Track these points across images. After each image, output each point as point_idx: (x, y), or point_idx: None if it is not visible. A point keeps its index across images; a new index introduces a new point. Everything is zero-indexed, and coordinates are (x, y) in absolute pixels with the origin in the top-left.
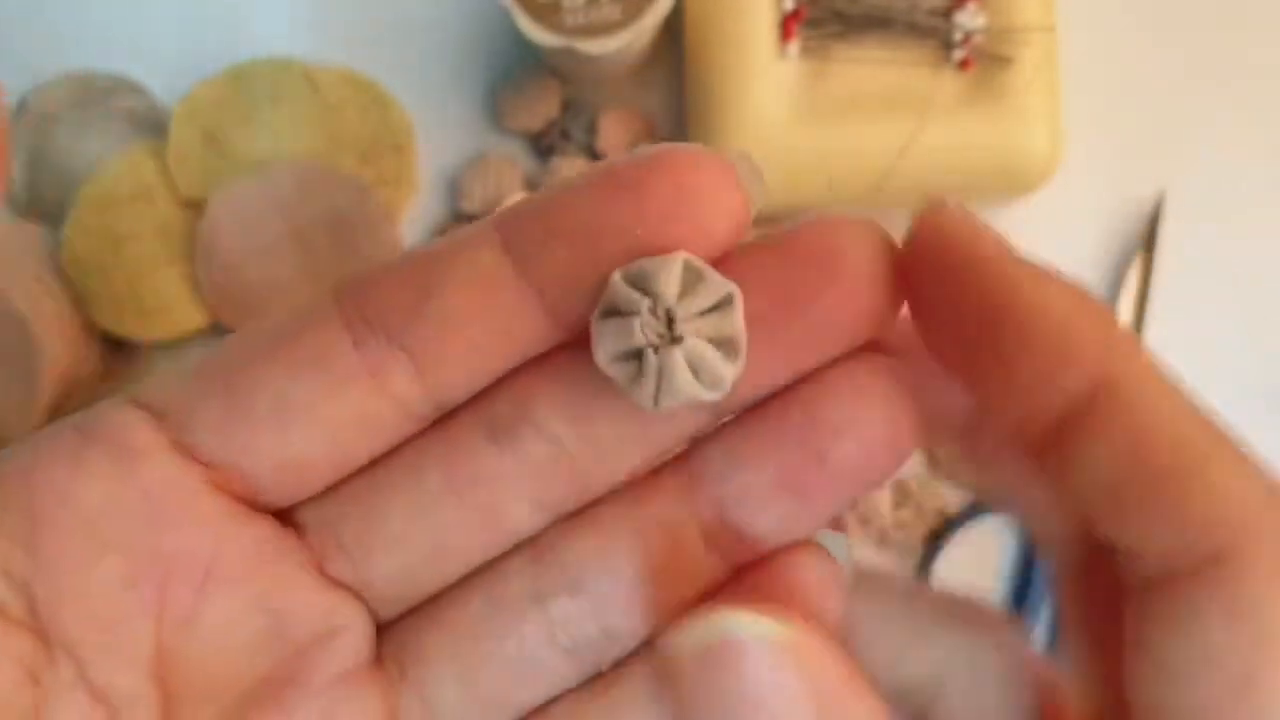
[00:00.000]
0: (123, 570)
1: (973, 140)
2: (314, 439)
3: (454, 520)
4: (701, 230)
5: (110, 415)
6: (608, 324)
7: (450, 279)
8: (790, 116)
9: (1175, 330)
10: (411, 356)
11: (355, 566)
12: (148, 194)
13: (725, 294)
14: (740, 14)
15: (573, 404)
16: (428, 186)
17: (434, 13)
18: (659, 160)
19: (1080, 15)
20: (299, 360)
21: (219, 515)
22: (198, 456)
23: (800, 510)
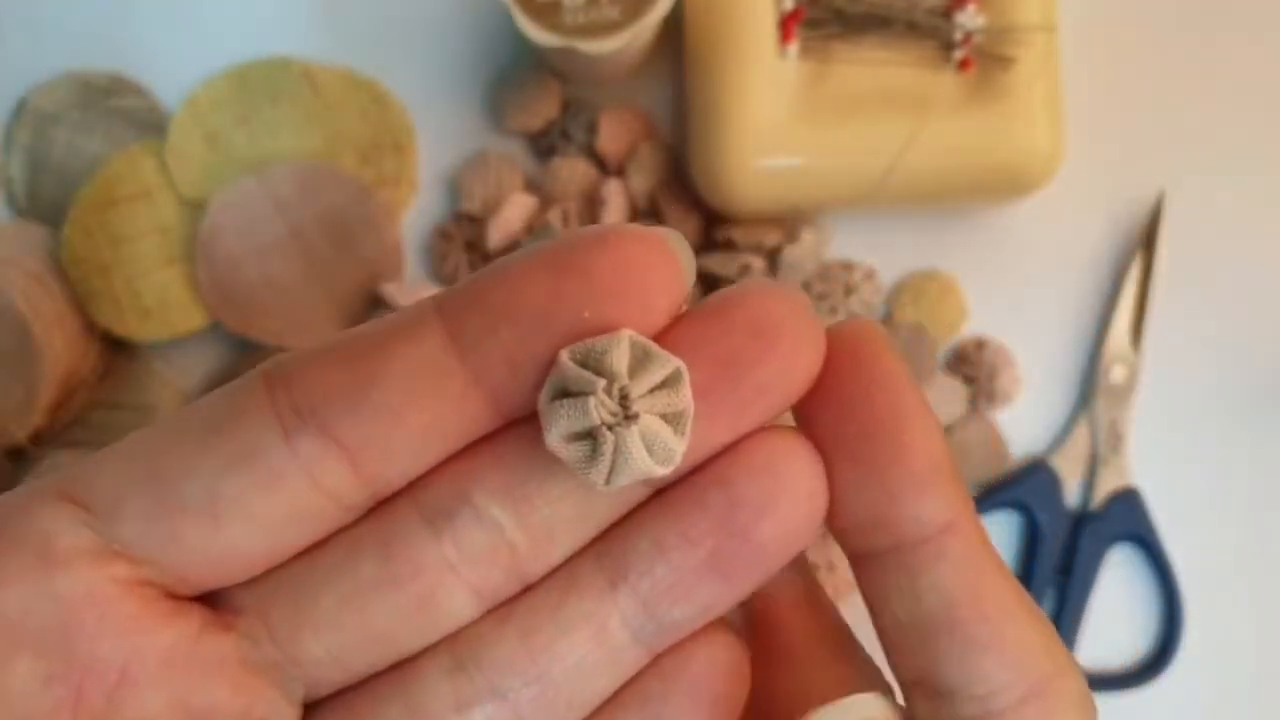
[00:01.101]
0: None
1: (973, 140)
2: (245, 534)
3: (388, 608)
4: (645, 308)
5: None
6: (560, 405)
7: (390, 369)
8: (790, 116)
9: (1175, 330)
10: (346, 450)
11: (285, 650)
12: (148, 194)
13: (673, 370)
14: (740, 14)
15: (512, 487)
16: (428, 186)
17: (434, 13)
18: (602, 241)
19: (1080, 15)
20: (229, 455)
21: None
22: (123, 553)
23: (723, 591)
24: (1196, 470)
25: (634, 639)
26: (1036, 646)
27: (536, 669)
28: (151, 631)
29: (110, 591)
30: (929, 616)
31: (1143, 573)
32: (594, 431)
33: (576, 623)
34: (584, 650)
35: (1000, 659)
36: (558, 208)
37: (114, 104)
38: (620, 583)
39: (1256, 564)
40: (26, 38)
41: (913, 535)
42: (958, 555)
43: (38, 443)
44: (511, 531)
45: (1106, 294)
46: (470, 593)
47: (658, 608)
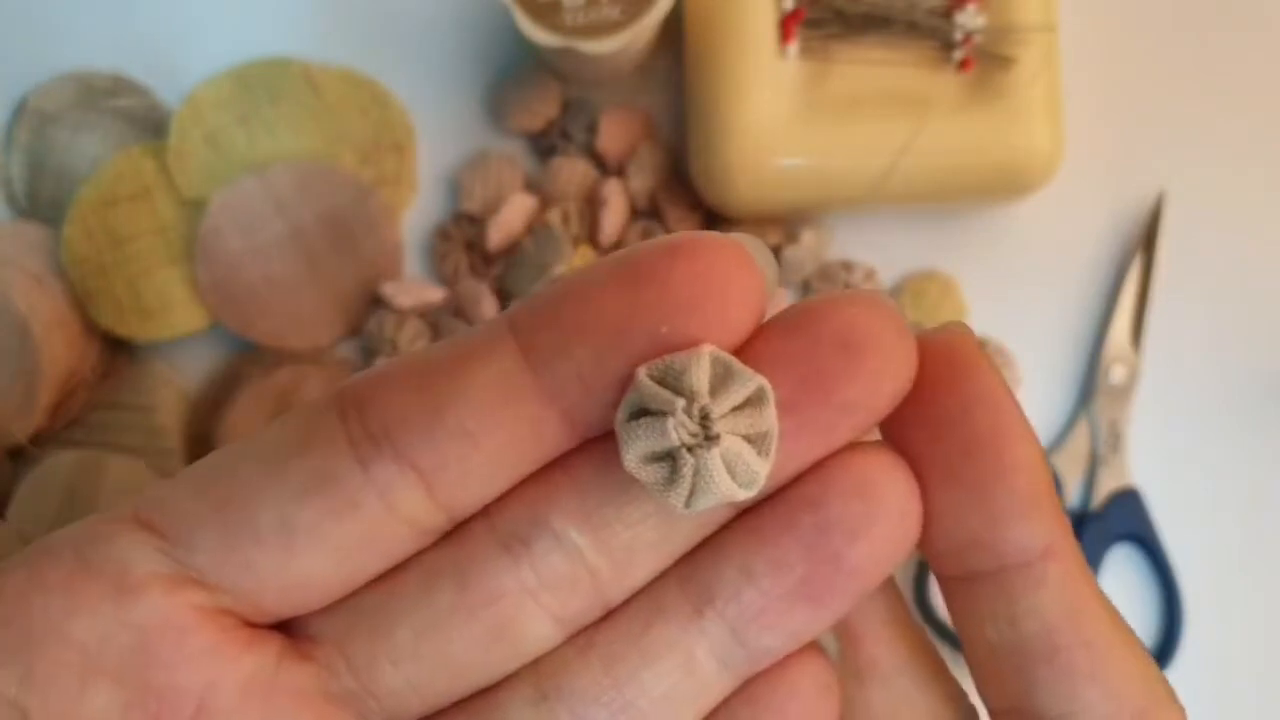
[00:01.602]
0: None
1: (973, 140)
2: (320, 562)
3: (466, 637)
4: (725, 321)
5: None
6: (637, 425)
7: (465, 392)
8: (790, 116)
9: (1175, 330)
10: (421, 474)
11: (363, 680)
12: (148, 194)
13: (756, 388)
14: (740, 14)
15: (590, 511)
16: (428, 186)
17: (434, 13)
18: (677, 250)
19: (1080, 15)
20: (303, 482)
21: (214, 648)
22: (199, 580)
23: (814, 618)
24: (1196, 470)
25: (722, 667)
26: (1138, 677)
27: (622, 699)
28: (230, 660)
29: (188, 619)
30: (1027, 643)
31: (1143, 573)
32: (673, 453)
33: (662, 652)
34: (671, 680)
35: (1103, 689)
36: (558, 208)
37: (114, 104)
38: (707, 609)
39: (1257, 563)
40: (26, 38)
41: (1013, 559)
42: (1058, 580)
43: (38, 443)
44: (591, 556)
45: (1106, 294)
46: (550, 619)
47: (746, 634)
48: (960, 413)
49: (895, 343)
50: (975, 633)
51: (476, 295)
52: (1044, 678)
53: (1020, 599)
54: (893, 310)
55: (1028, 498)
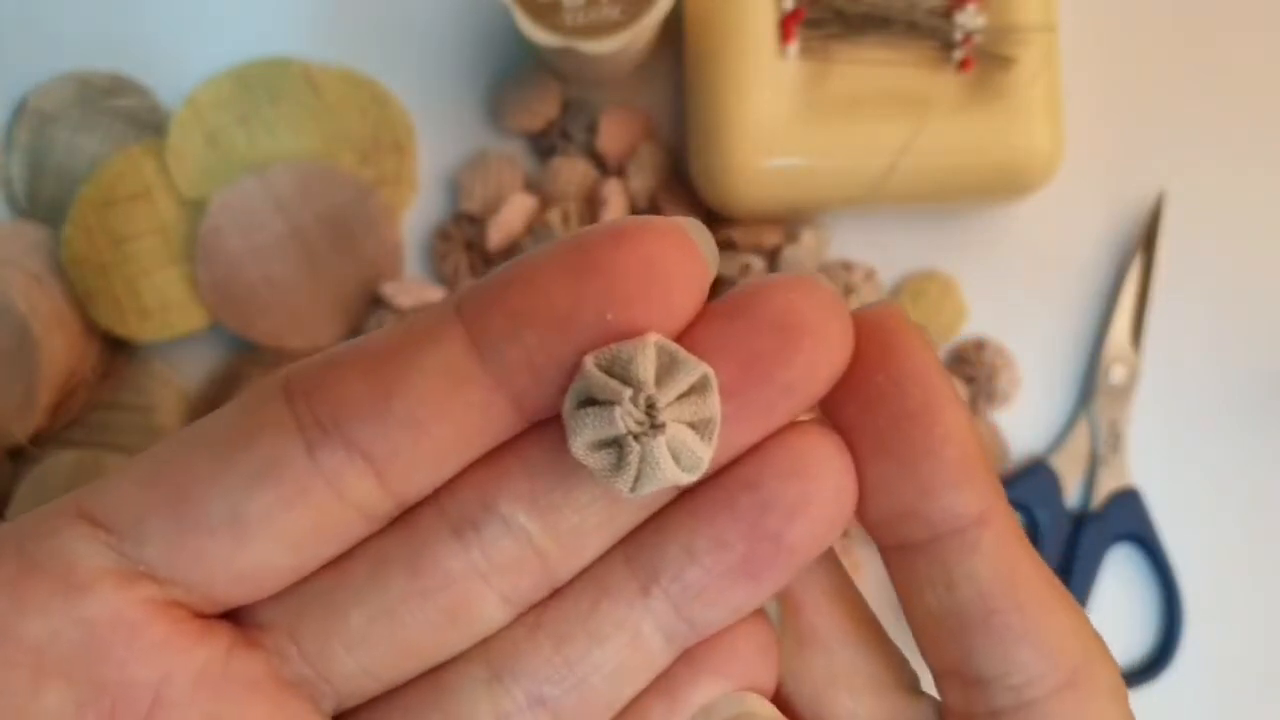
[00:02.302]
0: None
1: (973, 140)
2: (271, 550)
3: (418, 620)
4: (669, 308)
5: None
6: (585, 413)
7: (413, 378)
8: (790, 116)
9: (1175, 330)
10: (370, 461)
11: (315, 665)
12: (148, 194)
13: (701, 376)
14: (740, 14)
15: (538, 494)
16: (428, 186)
17: (434, 13)
18: (623, 237)
19: (1081, 15)
20: (252, 470)
21: (166, 642)
22: (148, 573)
23: (753, 593)
24: (1196, 470)
25: (667, 641)
26: (1071, 636)
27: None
28: (183, 652)
29: (138, 613)
30: (963, 608)
31: (1143, 573)
32: (620, 440)
33: (610, 630)
34: (620, 657)
35: (1036, 649)
36: (558, 208)
37: (114, 104)
38: (652, 587)
39: (1256, 563)
40: (26, 38)
41: (946, 527)
42: (991, 546)
43: (38, 443)
44: (539, 538)
45: (1106, 294)
46: (500, 601)
47: (690, 610)
48: (891, 387)
49: (832, 324)
50: (914, 599)
51: None
52: (980, 641)
53: (955, 565)
54: (829, 292)
55: (958, 467)
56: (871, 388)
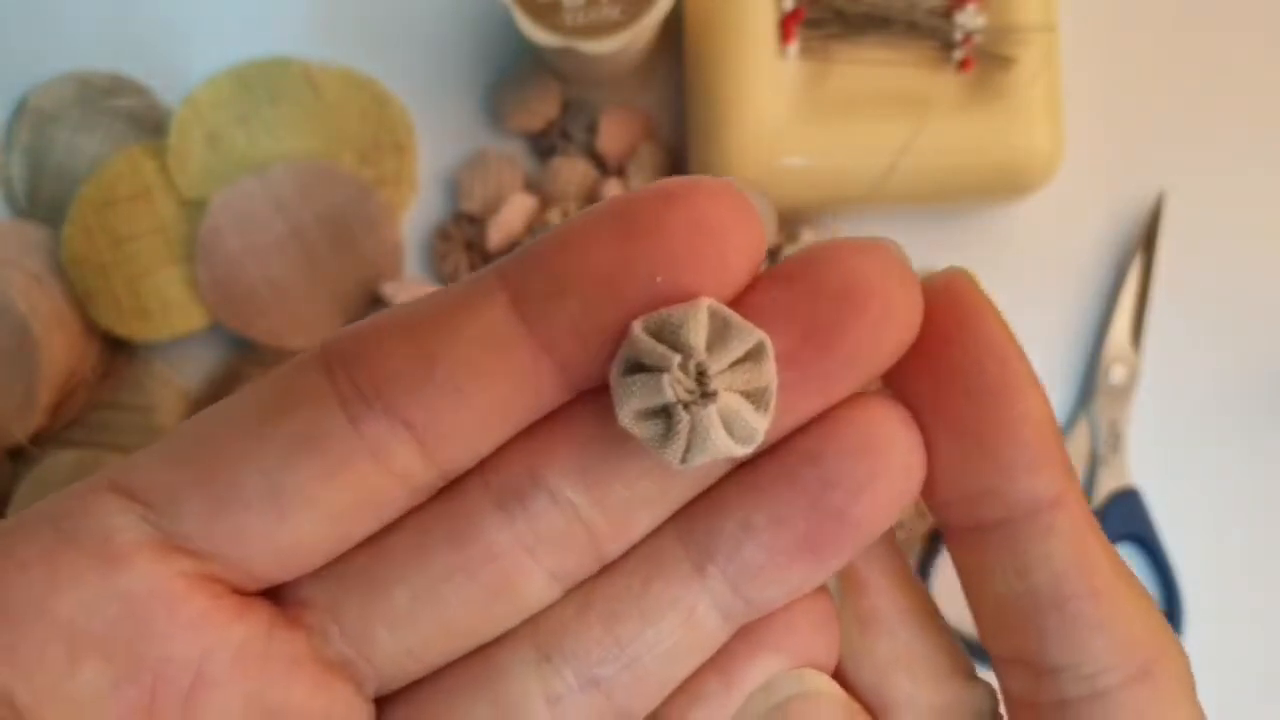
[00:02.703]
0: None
1: (973, 140)
2: (311, 524)
3: (463, 598)
4: (723, 271)
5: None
6: (632, 381)
7: (455, 344)
8: (790, 116)
9: (1175, 330)
10: (414, 430)
11: (357, 646)
12: (148, 194)
13: (755, 343)
14: (740, 14)
15: (586, 466)
16: (428, 186)
17: (434, 13)
18: (673, 197)
19: (1081, 15)
20: (291, 443)
21: (206, 616)
22: (185, 547)
23: (814, 571)
24: (1196, 470)
25: (723, 620)
26: (1144, 626)
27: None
28: (223, 628)
29: (177, 587)
30: (1035, 593)
31: (1143, 573)
32: (669, 409)
33: (664, 609)
34: (674, 637)
35: (1110, 638)
36: (558, 208)
37: (114, 104)
38: (707, 565)
39: (1257, 563)
40: (26, 38)
41: (1022, 510)
42: (1066, 530)
43: (38, 443)
44: (587, 512)
45: (1106, 294)
46: (548, 576)
47: (748, 589)
48: (967, 362)
49: (899, 292)
50: (982, 584)
51: None
52: (1052, 628)
53: (1028, 549)
54: (897, 257)
55: (1036, 448)
56: (945, 362)
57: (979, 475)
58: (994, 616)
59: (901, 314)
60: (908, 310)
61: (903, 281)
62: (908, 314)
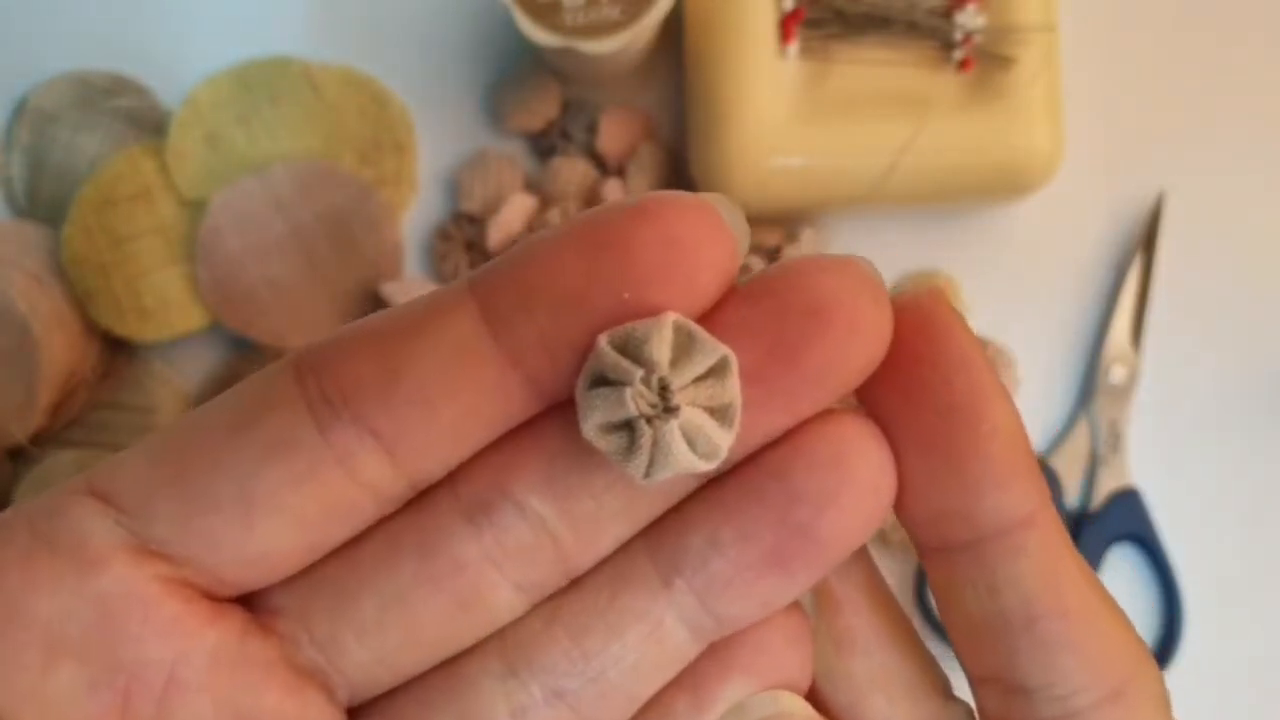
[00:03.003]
0: (82, 677)
1: (973, 140)
2: (280, 531)
3: (431, 608)
4: (691, 287)
5: (66, 513)
6: (596, 394)
7: (424, 354)
8: (790, 116)
9: (1175, 330)
10: (382, 440)
11: (327, 654)
12: (148, 194)
13: (720, 358)
14: (740, 14)
15: (554, 479)
16: (428, 186)
17: (434, 13)
18: (643, 213)
19: (1081, 16)
20: (261, 449)
21: (180, 621)
22: (159, 552)
23: (783, 588)
24: (1196, 470)
25: (691, 635)
26: (1117, 645)
27: (592, 670)
28: (197, 633)
29: (152, 591)
30: (1006, 613)
31: (1143, 573)
32: (632, 423)
33: (631, 622)
34: (640, 651)
35: (1081, 658)
36: (558, 208)
37: (114, 104)
38: (674, 578)
39: (1257, 563)
40: (26, 38)
41: (991, 529)
42: (1037, 549)
43: (38, 443)
44: (554, 524)
45: (1106, 294)
46: (514, 589)
47: (715, 603)
48: (936, 379)
49: (867, 308)
50: (953, 602)
51: None
52: (1023, 648)
53: (999, 568)
54: (867, 274)
55: (1006, 466)
56: (914, 378)
57: (948, 494)
58: (967, 635)
59: (869, 330)
60: (876, 327)
61: (872, 298)
62: (876, 330)
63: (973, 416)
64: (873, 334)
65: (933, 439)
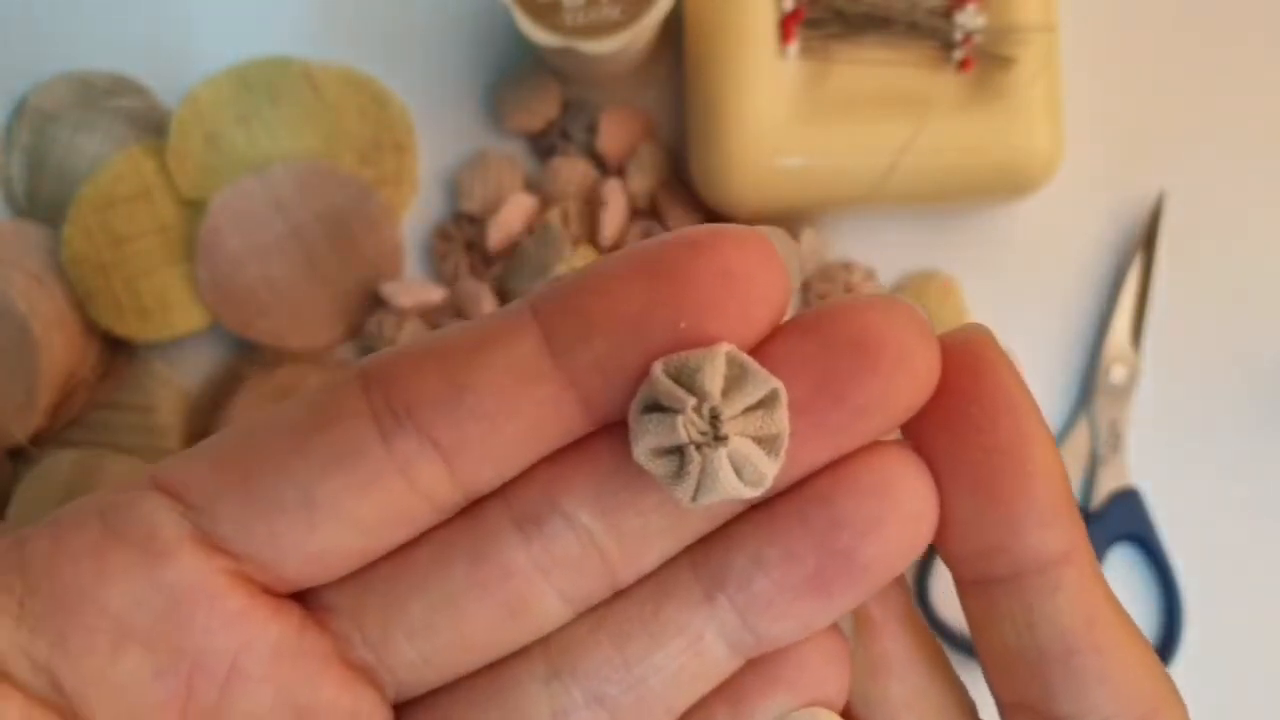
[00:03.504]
0: (149, 664)
1: (973, 140)
2: (341, 535)
3: (479, 612)
4: (745, 319)
5: (135, 505)
6: (649, 419)
7: (487, 373)
8: (790, 116)
9: (1175, 330)
10: (442, 451)
11: (377, 652)
12: (148, 194)
13: (770, 390)
14: (740, 14)
15: (603, 496)
16: (428, 186)
17: (434, 13)
18: (701, 245)
19: (1081, 15)
20: (327, 455)
21: (244, 613)
22: (223, 547)
23: (823, 609)
24: (1196, 470)
25: (730, 651)
26: (1145, 678)
27: (632, 677)
28: (260, 625)
29: (219, 583)
30: (1041, 646)
31: (1143, 573)
32: (682, 449)
33: (673, 633)
34: (680, 661)
35: (1113, 690)
36: (558, 208)
37: (114, 104)
38: (717, 594)
39: (1257, 563)
40: (26, 38)
41: (1031, 565)
42: (1073, 586)
43: (38, 443)
44: (601, 538)
45: (1106, 294)
46: (560, 597)
47: (756, 622)
48: (983, 418)
49: (915, 348)
50: (990, 634)
51: (476, 295)
52: (1057, 680)
53: (1037, 604)
54: (914, 314)
55: (1048, 505)
56: (962, 418)
57: (990, 531)
58: (1002, 664)
59: (917, 368)
60: (924, 365)
61: (920, 337)
62: (924, 368)
63: (1018, 457)
64: (921, 372)
65: (978, 477)
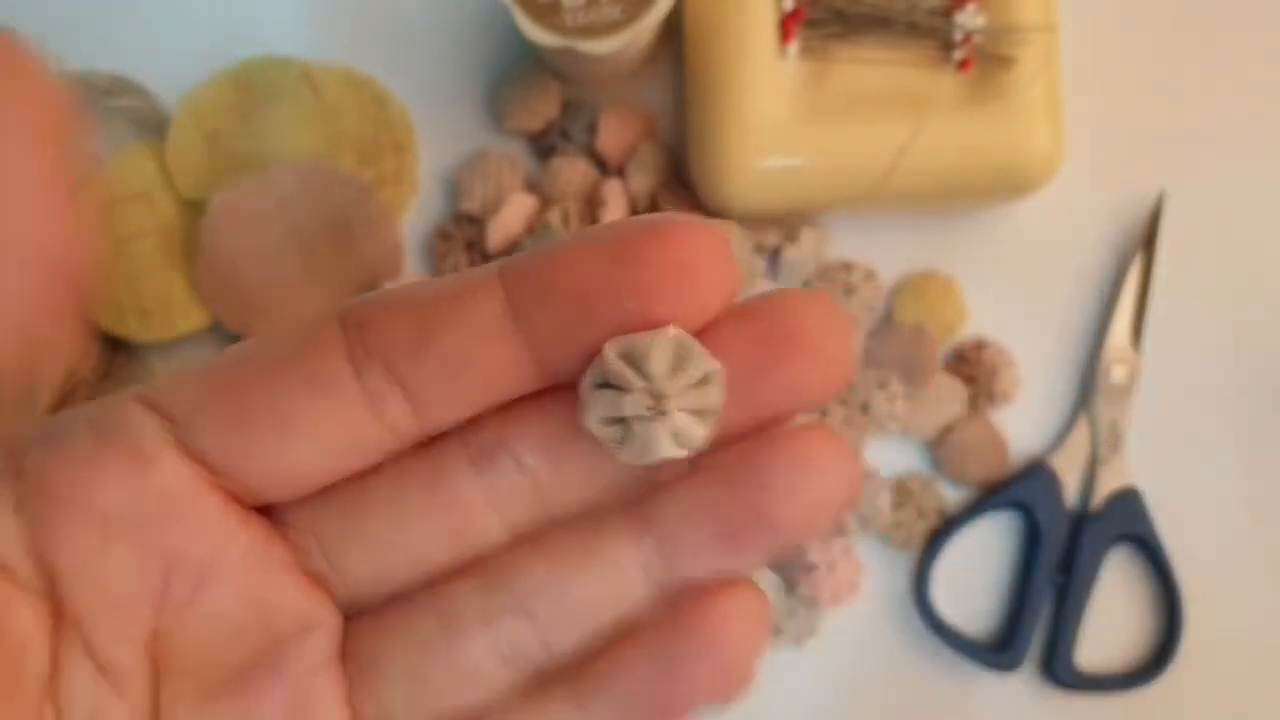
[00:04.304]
0: (132, 559)
1: (973, 140)
2: (309, 454)
3: (428, 533)
4: (692, 304)
5: (122, 414)
6: (599, 394)
7: (452, 324)
8: (790, 116)
9: (1175, 330)
10: (406, 390)
11: (332, 565)
12: (148, 194)
13: (710, 371)
14: (740, 14)
15: (549, 443)
16: (428, 186)
17: (434, 13)
18: (660, 234)
19: (1081, 15)
20: (303, 382)
21: (219, 519)
22: (200, 459)
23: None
24: (1196, 470)
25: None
26: None
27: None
28: (234, 531)
29: (198, 490)
30: None
31: (1143, 573)
32: (627, 420)
33: (601, 562)
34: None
35: None
36: (558, 208)
37: (114, 104)
38: (644, 536)
39: (1256, 564)
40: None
41: None
42: None
43: None
44: (544, 478)
45: (1106, 294)
46: (503, 525)
47: (679, 564)
48: None
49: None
50: None
51: None
52: None
53: None
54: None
55: None
56: None
57: None
58: None
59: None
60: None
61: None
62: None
63: None
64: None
65: None
